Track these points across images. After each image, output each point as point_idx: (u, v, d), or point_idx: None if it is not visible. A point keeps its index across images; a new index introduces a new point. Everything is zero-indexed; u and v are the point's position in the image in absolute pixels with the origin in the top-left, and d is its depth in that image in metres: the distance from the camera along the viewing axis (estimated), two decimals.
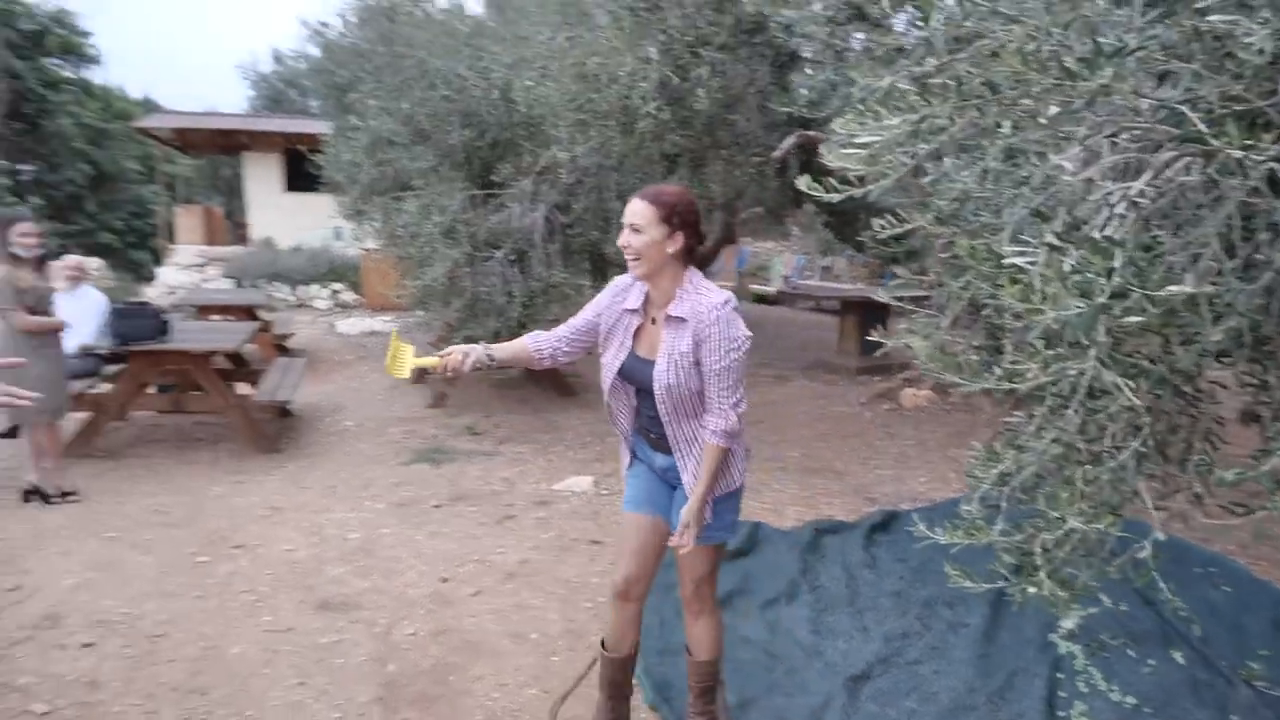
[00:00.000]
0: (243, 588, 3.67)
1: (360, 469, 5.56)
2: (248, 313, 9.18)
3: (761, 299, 17.06)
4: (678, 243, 2.19)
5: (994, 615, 3.41)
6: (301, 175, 17.73)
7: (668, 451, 2.37)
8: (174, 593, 3.64)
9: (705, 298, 2.18)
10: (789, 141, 6.17)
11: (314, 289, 15.55)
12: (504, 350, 2.39)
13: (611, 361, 2.36)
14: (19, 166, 18.57)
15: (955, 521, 1.59)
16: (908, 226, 1.73)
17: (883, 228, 1.74)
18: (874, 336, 1.78)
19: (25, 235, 4.61)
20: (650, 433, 2.41)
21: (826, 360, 9.35)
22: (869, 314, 9.20)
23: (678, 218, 2.18)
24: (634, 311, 2.33)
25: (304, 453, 6.00)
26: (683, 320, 2.19)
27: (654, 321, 2.30)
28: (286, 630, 3.28)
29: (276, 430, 6.43)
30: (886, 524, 4.42)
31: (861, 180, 1.62)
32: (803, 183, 1.66)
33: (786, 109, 3.40)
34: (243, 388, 6.79)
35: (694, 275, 2.24)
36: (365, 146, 6.61)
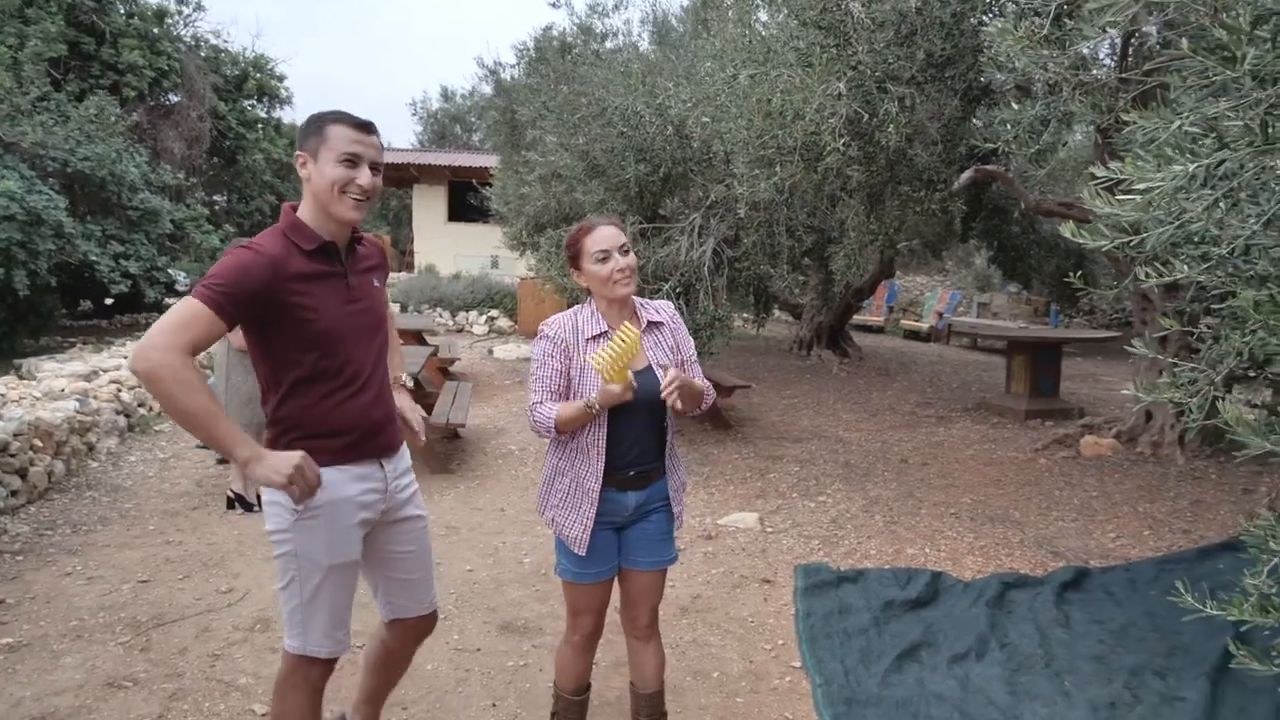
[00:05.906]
0: None
1: (527, 493, 5.71)
2: (417, 338, 9.64)
3: (913, 335, 16.53)
4: None
5: (1214, 690, 3.13)
6: (463, 206, 18.72)
7: (642, 486, 2.31)
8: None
9: (653, 302, 2.41)
10: (967, 176, 5.98)
11: (472, 315, 16.24)
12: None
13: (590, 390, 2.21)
14: (214, 198, 20.37)
15: (1237, 594, 1.46)
16: (1175, 277, 1.62)
17: (1148, 275, 1.63)
18: (1130, 390, 1.65)
19: None
20: (632, 469, 2.28)
21: (992, 401, 8.93)
22: (1039, 354, 8.75)
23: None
24: (605, 334, 2.24)
25: (473, 474, 6.22)
26: (659, 324, 2.36)
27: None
28: (475, 650, 3.39)
29: (448, 451, 6.72)
30: (1078, 581, 4.16)
31: (1135, 228, 1.54)
32: (1067, 229, 1.59)
33: (990, 145, 3.29)
34: None
35: None
36: (540, 179, 6.84)
